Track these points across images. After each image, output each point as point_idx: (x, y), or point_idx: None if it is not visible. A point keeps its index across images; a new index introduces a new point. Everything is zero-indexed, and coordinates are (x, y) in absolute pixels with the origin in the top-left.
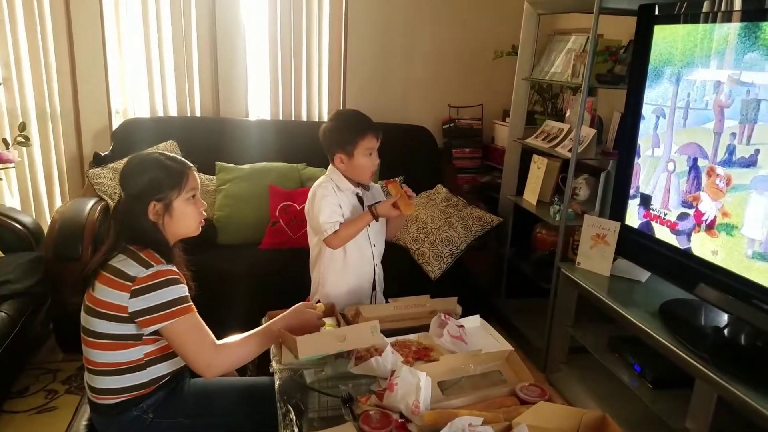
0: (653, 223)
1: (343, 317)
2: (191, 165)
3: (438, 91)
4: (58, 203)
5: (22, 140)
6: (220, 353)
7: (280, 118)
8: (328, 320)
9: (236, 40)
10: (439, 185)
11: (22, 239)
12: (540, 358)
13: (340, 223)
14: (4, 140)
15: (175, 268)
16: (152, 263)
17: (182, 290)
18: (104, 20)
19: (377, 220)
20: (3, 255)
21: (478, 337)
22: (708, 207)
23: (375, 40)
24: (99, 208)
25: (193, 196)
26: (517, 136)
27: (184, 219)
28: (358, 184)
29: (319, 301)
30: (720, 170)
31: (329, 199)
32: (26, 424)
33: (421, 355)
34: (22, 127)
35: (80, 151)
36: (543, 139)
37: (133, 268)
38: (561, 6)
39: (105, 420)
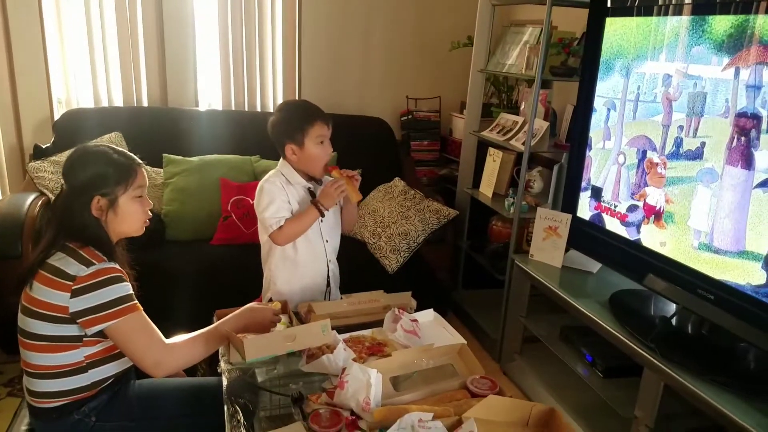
0: (604, 215)
1: (295, 315)
2: (140, 161)
3: (395, 83)
4: None
5: None
6: (169, 352)
7: (233, 108)
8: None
9: (185, 26)
10: (396, 178)
11: None
12: (495, 349)
13: (286, 219)
14: None
15: (117, 266)
16: (93, 261)
17: (126, 288)
18: (42, 6)
19: (323, 216)
20: None
21: (432, 331)
22: (655, 198)
23: (330, 29)
24: (40, 203)
25: (140, 195)
26: (472, 128)
27: (129, 217)
28: (310, 178)
29: (271, 299)
30: (663, 160)
31: (276, 193)
32: None
33: (375, 351)
34: None
35: (20, 144)
36: (498, 132)
37: (72, 267)
38: None
39: (45, 425)
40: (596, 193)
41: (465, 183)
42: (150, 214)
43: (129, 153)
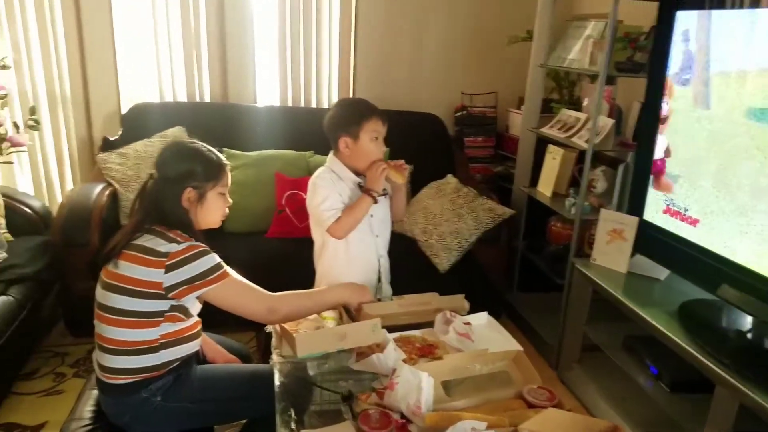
0: (674, 219)
1: (346, 312)
2: (228, 163)
3: (450, 78)
4: (69, 187)
5: (33, 124)
6: (281, 299)
7: (289, 104)
8: (329, 314)
9: (245, 25)
10: (449, 175)
11: (31, 223)
12: (552, 356)
13: (342, 211)
14: (15, 124)
15: (204, 245)
16: (181, 240)
17: (216, 258)
18: (112, 3)
19: (376, 201)
20: (12, 239)
21: (486, 335)
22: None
23: (385, 25)
24: (107, 193)
25: (224, 193)
26: (531, 125)
27: (212, 211)
28: (359, 174)
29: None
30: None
31: (329, 188)
32: (34, 406)
33: (426, 352)
34: (32, 110)
35: (90, 136)
36: (559, 129)
37: (163, 246)
38: None
39: (112, 400)
40: (666, 195)
41: (522, 181)
42: (228, 211)
43: (219, 153)
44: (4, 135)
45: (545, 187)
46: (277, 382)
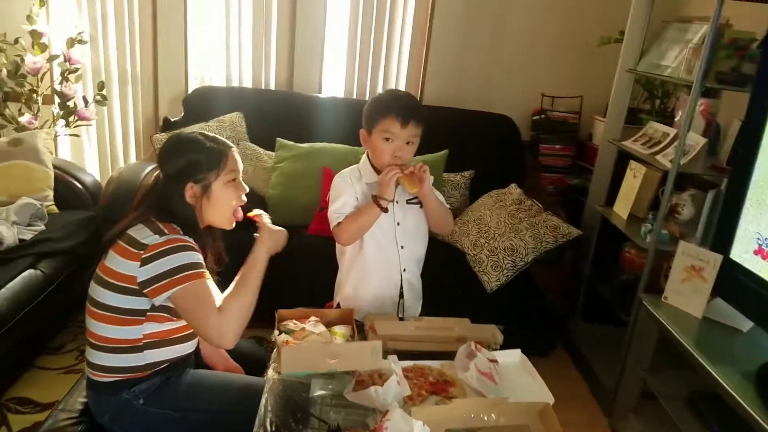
0: (766, 263)
1: (360, 327)
2: (231, 145)
3: (530, 78)
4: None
5: (100, 99)
6: (223, 316)
7: (354, 96)
8: (340, 329)
9: (316, 13)
10: (513, 184)
11: (80, 198)
12: (607, 400)
13: (346, 215)
14: (84, 98)
15: (190, 239)
16: (167, 232)
17: (194, 257)
18: None
19: (384, 210)
20: (57, 212)
21: (515, 377)
22: None
23: (463, 18)
24: (156, 174)
25: (233, 180)
26: (613, 136)
27: (221, 204)
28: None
29: (339, 305)
30: None
31: (343, 188)
32: (53, 383)
33: (438, 389)
34: (101, 86)
35: (156, 115)
36: (644, 143)
37: (147, 236)
38: None
39: (97, 398)
40: (759, 232)
41: (597, 199)
42: (245, 199)
43: (221, 138)
44: (74, 108)
45: (622, 208)
46: (263, 400)
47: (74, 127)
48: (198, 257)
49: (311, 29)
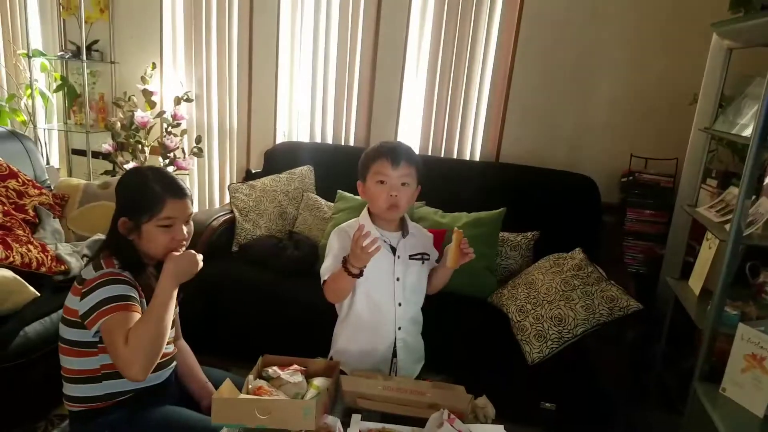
0: None
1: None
2: (182, 193)
3: (619, 138)
4: None
5: (197, 151)
6: (128, 346)
7: (429, 153)
8: (318, 381)
9: (394, 72)
10: (577, 249)
11: None
12: None
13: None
14: (182, 150)
15: (125, 273)
16: (104, 267)
17: (122, 289)
18: (279, 53)
19: (356, 276)
20: None
21: None
22: None
23: (545, 75)
24: (224, 219)
25: (169, 226)
26: (687, 201)
27: (152, 243)
28: (396, 228)
29: (332, 357)
30: None
31: (340, 244)
32: None
33: None
34: (198, 139)
35: (247, 166)
36: (718, 211)
37: (87, 273)
38: (761, 36)
39: (71, 428)
40: None
41: (671, 270)
42: (183, 245)
43: (173, 180)
44: (173, 159)
45: (695, 282)
46: None
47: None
48: (125, 290)
49: (389, 88)
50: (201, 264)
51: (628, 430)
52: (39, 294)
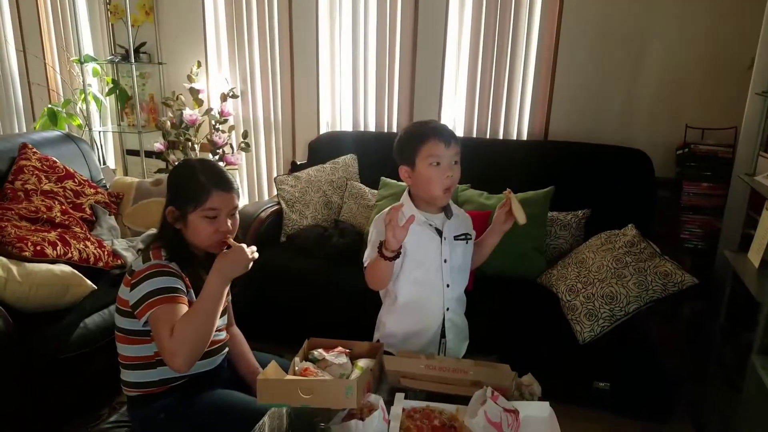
0: None
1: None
2: (228, 186)
3: (673, 109)
4: None
5: (244, 146)
6: (173, 338)
7: (474, 135)
8: (363, 362)
9: (435, 53)
10: (630, 225)
11: None
12: None
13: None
14: (231, 145)
15: (172, 265)
16: (152, 259)
17: (170, 281)
18: (319, 45)
19: (389, 259)
20: None
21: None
22: None
23: (594, 49)
24: (272, 210)
25: (214, 217)
26: (745, 169)
27: (196, 234)
28: (439, 210)
29: (378, 340)
30: None
31: (375, 231)
32: None
33: None
34: (245, 134)
35: (293, 158)
36: None
37: (137, 264)
38: None
39: (129, 411)
40: None
41: (728, 243)
42: (229, 237)
43: (220, 173)
44: (222, 155)
45: (755, 255)
46: (259, 423)
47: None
48: (172, 282)
49: (430, 70)
50: (254, 257)
51: (685, 408)
52: (96, 287)
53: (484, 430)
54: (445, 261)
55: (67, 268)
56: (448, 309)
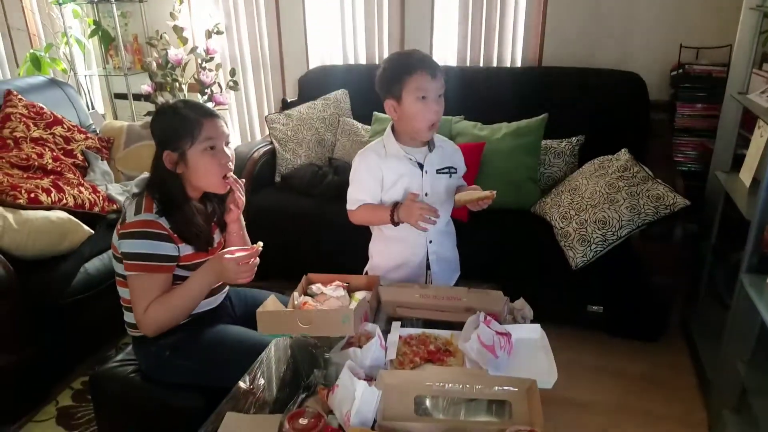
0: None
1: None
2: (214, 113)
3: (669, 29)
4: None
5: (232, 85)
6: (147, 315)
7: (467, 64)
8: (359, 294)
9: None
10: (623, 149)
11: None
12: (712, 395)
13: (363, 204)
14: (219, 84)
15: (162, 222)
16: (143, 211)
17: (155, 247)
18: None
19: (395, 224)
20: None
21: (527, 353)
22: None
23: None
24: (264, 150)
25: (212, 147)
26: (737, 88)
27: (201, 171)
28: (422, 143)
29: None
30: None
31: (363, 171)
32: None
33: (435, 358)
34: (232, 72)
35: (283, 96)
36: None
37: (129, 212)
38: None
39: (135, 349)
40: None
41: (720, 164)
42: (230, 167)
43: (202, 106)
44: (211, 95)
45: (746, 174)
46: (262, 355)
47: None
48: (156, 247)
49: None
50: (252, 270)
51: (676, 327)
52: (93, 232)
53: (478, 353)
54: (426, 194)
55: (63, 215)
56: (431, 242)
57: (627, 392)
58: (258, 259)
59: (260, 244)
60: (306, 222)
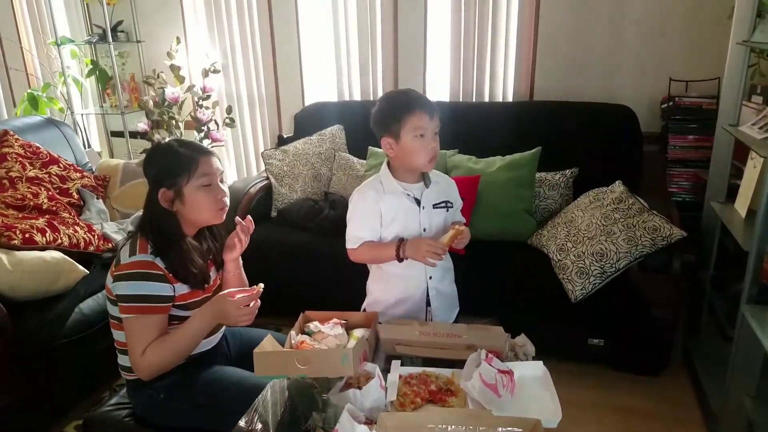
0: None
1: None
2: (208, 151)
3: (656, 62)
4: None
5: (229, 122)
6: (143, 358)
7: (460, 99)
8: (358, 332)
9: (417, 20)
10: (617, 182)
11: None
12: (719, 429)
13: (365, 242)
14: (215, 122)
15: (158, 263)
16: (138, 252)
17: (152, 288)
18: (299, 15)
19: (400, 261)
20: None
21: (530, 392)
22: None
23: (573, 6)
24: (260, 186)
25: (208, 184)
26: (728, 120)
27: (197, 206)
28: (418, 179)
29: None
30: None
31: (362, 208)
32: None
33: (437, 398)
34: (229, 110)
35: (279, 132)
36: (761, 127)
37: (124, 253)
38: None
39: (129, 393)
40: None
41: (715, 194)
42: (226, 201)
43: (197, 144)
44: (207, 132)
45: (741, 205)
46: (259, 397)
47: (212, 148)
48: (156, 288)
49: (412, 36)
50: (249, 319)
51: (678, 360)
52: (88, 272)
53: (481, 393)
54: (424, 230)
55: (57, 255)
56: (431, 278)
57: (630, 428)
58: (259, 301)
59: (261, 285)
60: (302, 256)
